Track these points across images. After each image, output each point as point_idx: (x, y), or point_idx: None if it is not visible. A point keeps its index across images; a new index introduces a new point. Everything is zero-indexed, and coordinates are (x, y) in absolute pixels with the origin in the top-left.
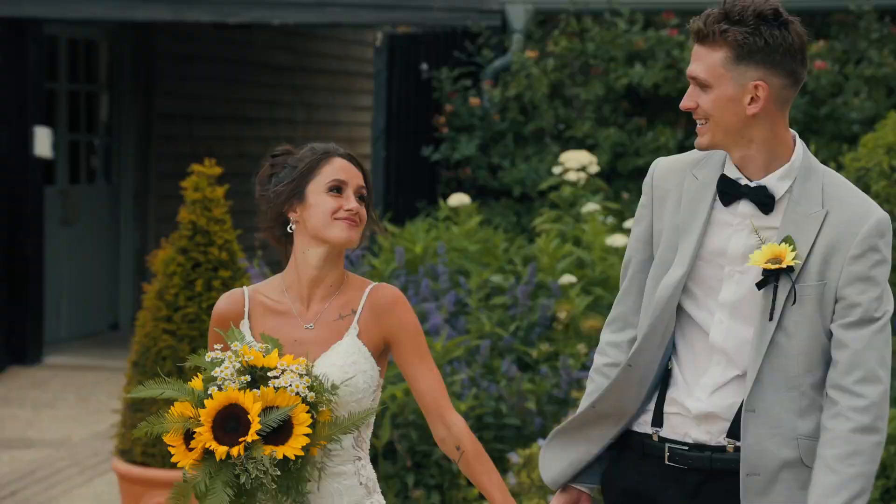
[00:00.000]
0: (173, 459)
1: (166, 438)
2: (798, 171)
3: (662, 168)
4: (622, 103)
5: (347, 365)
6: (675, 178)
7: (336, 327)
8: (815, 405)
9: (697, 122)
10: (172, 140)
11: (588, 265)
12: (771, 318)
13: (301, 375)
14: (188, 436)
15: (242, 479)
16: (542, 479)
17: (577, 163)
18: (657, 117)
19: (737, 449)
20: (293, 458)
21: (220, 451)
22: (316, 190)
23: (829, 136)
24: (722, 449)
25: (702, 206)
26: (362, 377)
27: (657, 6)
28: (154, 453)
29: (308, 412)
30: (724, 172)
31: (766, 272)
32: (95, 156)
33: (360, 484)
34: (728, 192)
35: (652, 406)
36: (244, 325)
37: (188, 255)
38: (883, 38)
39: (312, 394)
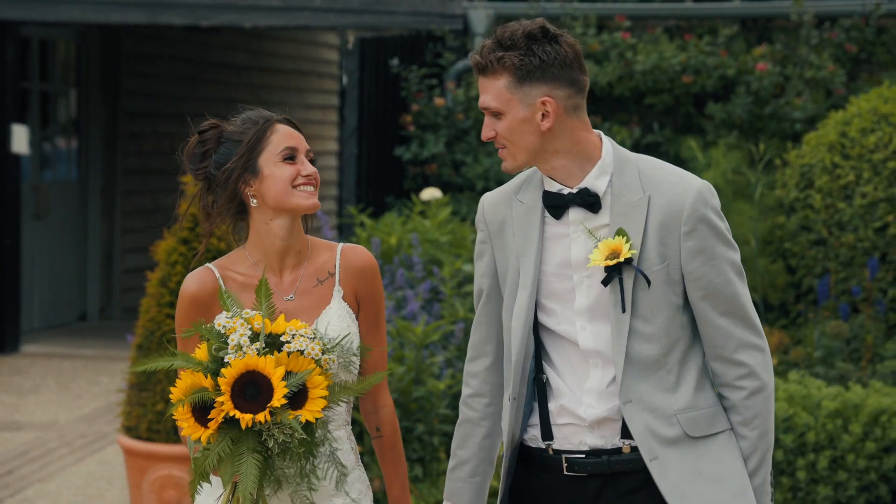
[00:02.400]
0: (184, 433)
1: (176, 413)
2: (612, 165)
3: (490, 202)
4: None
5: (343, 328)
6: (503, 208)
7: (318, 293)
8: (683, 379)
9: (499, 148)
10: (137, 137)
11: None
12: (624, 310)
13: (311, 339)
14: (197, 410)
15: (270, 444)
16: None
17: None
18: (612, 116)
19: (633, 449)
20: (314, 420)
21: (247, 418)
22: (269, 161)
23: (773, 133)
24: (618, 451)
25: (532, 228)
26: (355, 339)
27: (610, 11)
28: (159, 429)
29: (320, 374)
30: (545, 188)
31: (608, 269)
32: (63, 152)
33: (351, 449)
34: (555, 204)
35: (536, 421)
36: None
37: (189, 245)
38: (821, 43)
39: (325, 357)
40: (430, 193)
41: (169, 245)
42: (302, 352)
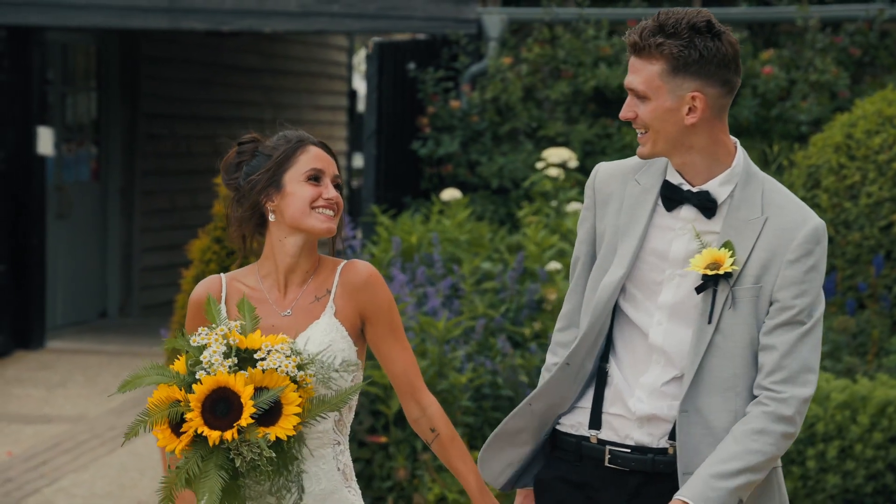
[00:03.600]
0: (159, 444)
1: (154, 425)
2: (739, 176)
3: (604, 172)
4: (590, 105)
5: (324, 342)
6: (617, 182)
7: (312, 310)
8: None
9: (638, 131)
10: (155, 139)
11: (569, 254)
12: (710, 322)
13: (287, 356)
14: (176, 421)
15: (238, 463)
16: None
17: (558, 158)
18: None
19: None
20: (285, 438)
21: (214, 435)
22: (293, 179)
23: (779, 135)
24: (664, 451)
25: (642, 211)
26: (340, 355)
27: (622, 16)
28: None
29: (296, 391)
30: (667, 178)
31: (705, 277)
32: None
33: (338, 469)
34: (671, 196)
35: (587, 406)
36: (221, 308)
37: (222, 243)
38: (826, 48)
39: (302, 373)
40: (451, 194)
41: (203, 244)
42: (276, 369)
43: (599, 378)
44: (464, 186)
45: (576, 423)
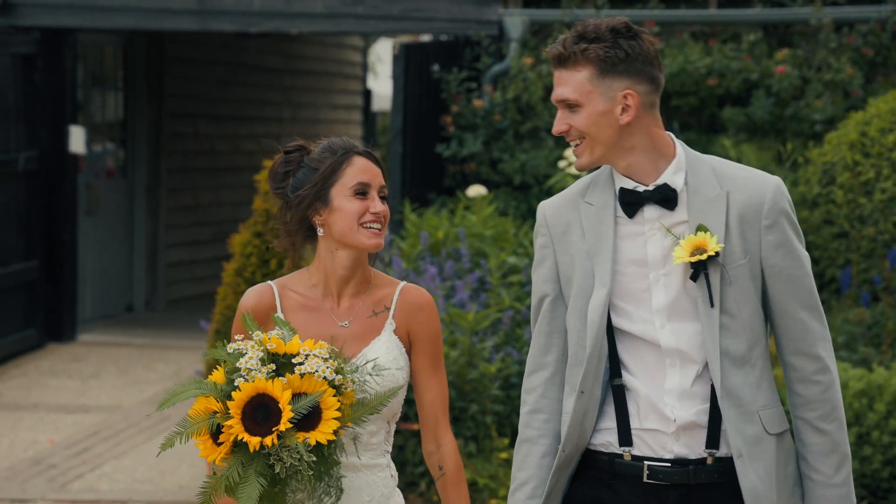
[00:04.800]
0: (201, 455)
1: (194, 436)
2: (686, 163)
3: (551, 207)
4: None
5: (389, 360)
6: (568, 211)
7: (370, 324)
8: (764, 375)
9: (572, 143)
10: (180, 137)
11: None
12: (712, 305)
13: (325, 359)
14: (215, 431)
15: (277, 469)
16: None
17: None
18: None
19: (716, 460)
20: (325, 442)
21: (254, 441)
22: (340, 193)
23: (793, 134)
24: (703, 461)
25: (605, 227)
26: (400, 373)
27: (639, 17)
28: None
29: (335, 395)
30: (621, 186)
31: (694, 265)
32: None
33: (391, 476)
34: (631, 202)
35: (612, 426)
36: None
37: (262, 237)
38: (840, 48)
39: (339, 377)
40: (476, 190)
41: (244, 238)
42: (313, 373)
43: (617, 396)
44: (486, 183)
45: (605, 441)
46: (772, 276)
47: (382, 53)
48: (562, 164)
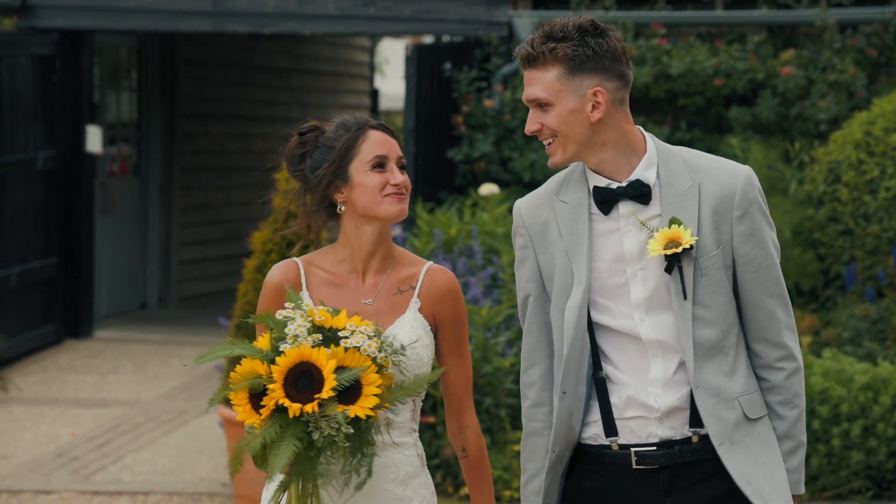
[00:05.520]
0: (239, 418)
1: (233, 397)
2: (657, 157)
3: (527, 206)
4: None
5: (413, 337)
6: (545, 209)
7: (395, 301)
8: (738, 361)
9: (545, 142)
10: (192, 137)
11: None
12: (685, 297)
13: (370, 337)
14: (254, 397)
15: (315, 437)
16: None
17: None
18: (648, 116)
19: (700, 437)
20: (364, 417)
21: (294, 407)
22: (359, 168)
23: (798, 133)
24: (688, 440)
25: (581, 225)
26: (425, 351)
27: (647, 19)
28: None
29: (376, 373)
30: (594, 184)
31: (668, 258)
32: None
33: (417, 455)
34: (605, 199)
35: (598, 418)
36: (304, 295)
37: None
38: (844, 49)
39: (382, 355)
40: (488, 189)
41: (264, 235)
42: (358, 348)
43: (599, 388)
44: (496, 182)
45: (592, 434)
46: (741, 265)
47: (389, 53)
48: None
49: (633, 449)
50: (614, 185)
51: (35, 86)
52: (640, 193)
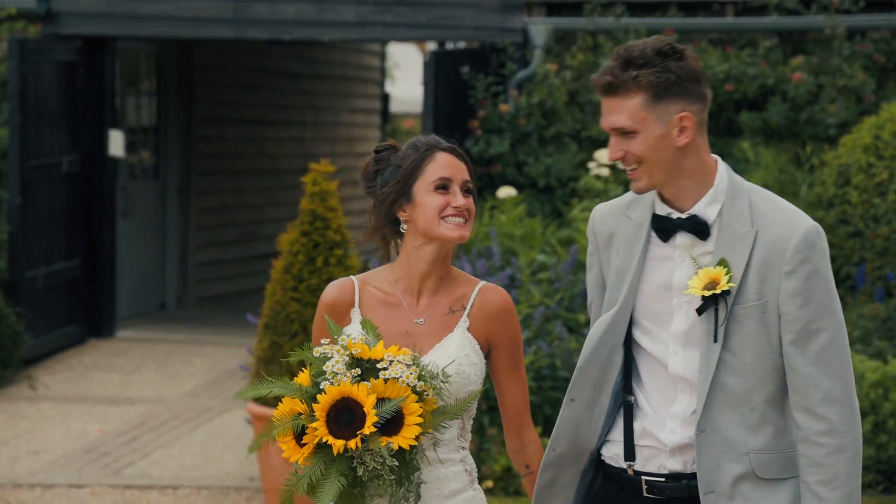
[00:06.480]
0: (284, 455)
1: (278, 436)
2: (725, 193)
3: (601, 214)
4: None
5: (461, 357)
6: (614, 221)
7: (446, 321)
8: (767, 420)
9: (628, 168)
10: (209, 141)
11: None
12: (715, 340)
13: (408, 366)
14: (298, 432)
15: (360, 472)
16: None
17: (608, 159)
18: None
19: None
20: (407, 448)
21: (338, 444)
22: (422, 189)
23: (808, 137)
24: (696, 476)
25: (637, 245)
26: (473, 370)
27: (659, 25)
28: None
29: (417, 401)
30: (655, 211)
31: (704, 298)
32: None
33: (465, 471)
34: (663, 227)
35: (620, 439)
36: (355, 313)
37: (310, 237)
38: (852, 55)
39: (421, 383)
40: (506, 192)
41: (291, 237)
42: (397, 378)
43: (626, 410)
44: (512, 185)
45: (614, 454)
46: (784, 324)
47: (399, 58)
48: (591, 165)
49: (643, 477)
50: (674, 216)
51: (59, 91)
52: (696, 229)
